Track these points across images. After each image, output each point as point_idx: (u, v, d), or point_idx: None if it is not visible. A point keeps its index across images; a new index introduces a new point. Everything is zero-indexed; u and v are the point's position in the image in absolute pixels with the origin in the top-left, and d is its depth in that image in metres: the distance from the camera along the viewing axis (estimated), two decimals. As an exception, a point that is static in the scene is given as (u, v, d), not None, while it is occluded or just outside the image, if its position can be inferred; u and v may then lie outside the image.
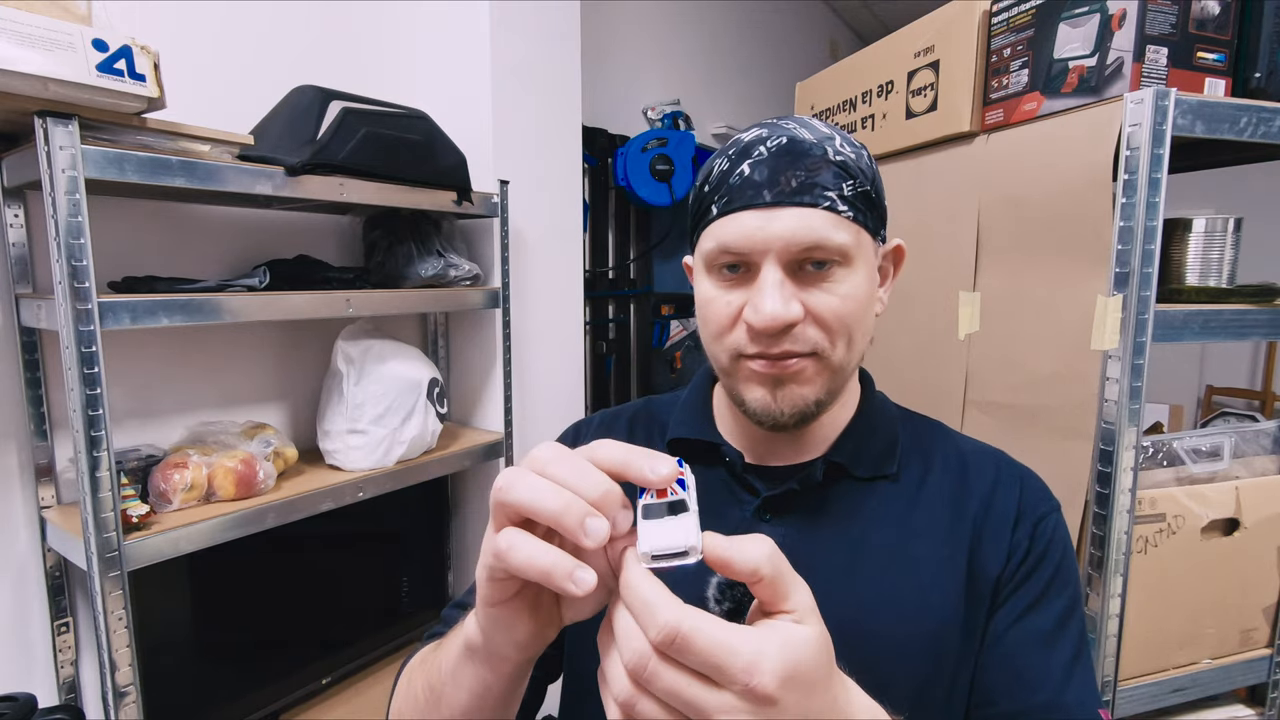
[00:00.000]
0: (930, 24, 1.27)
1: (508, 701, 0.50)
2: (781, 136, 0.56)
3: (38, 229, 1.17)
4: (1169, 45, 0.95)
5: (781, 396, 0.56)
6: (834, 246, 0.53)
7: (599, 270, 2.64)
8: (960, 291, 1.23)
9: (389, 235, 1.55)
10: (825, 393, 0.57)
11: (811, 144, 0.55)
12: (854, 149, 0.57)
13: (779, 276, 0.54)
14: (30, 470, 1.20)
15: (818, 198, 0.54)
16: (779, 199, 0.54)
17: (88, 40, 0.89)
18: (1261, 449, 1.18)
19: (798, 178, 0.54)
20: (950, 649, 0.59)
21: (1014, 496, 0.62)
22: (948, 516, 0.61)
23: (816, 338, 0.55)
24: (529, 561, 0.36)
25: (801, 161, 0.54)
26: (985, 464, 0.65)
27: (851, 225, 0.55)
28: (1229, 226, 1.07)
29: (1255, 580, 1.13)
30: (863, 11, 3.91)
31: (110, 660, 1.01)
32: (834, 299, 0.54)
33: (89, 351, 0.96)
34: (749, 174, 0.55)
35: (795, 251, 0.54)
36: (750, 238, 0.54)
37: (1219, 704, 1.20)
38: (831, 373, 0.57)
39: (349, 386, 1.39)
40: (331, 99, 1.29)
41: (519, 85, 1.73)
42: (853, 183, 0.55)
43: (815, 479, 0.60)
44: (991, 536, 0.61)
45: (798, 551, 0.59)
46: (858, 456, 0.62)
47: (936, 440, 0.67)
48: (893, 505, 0.62)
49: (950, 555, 0.60)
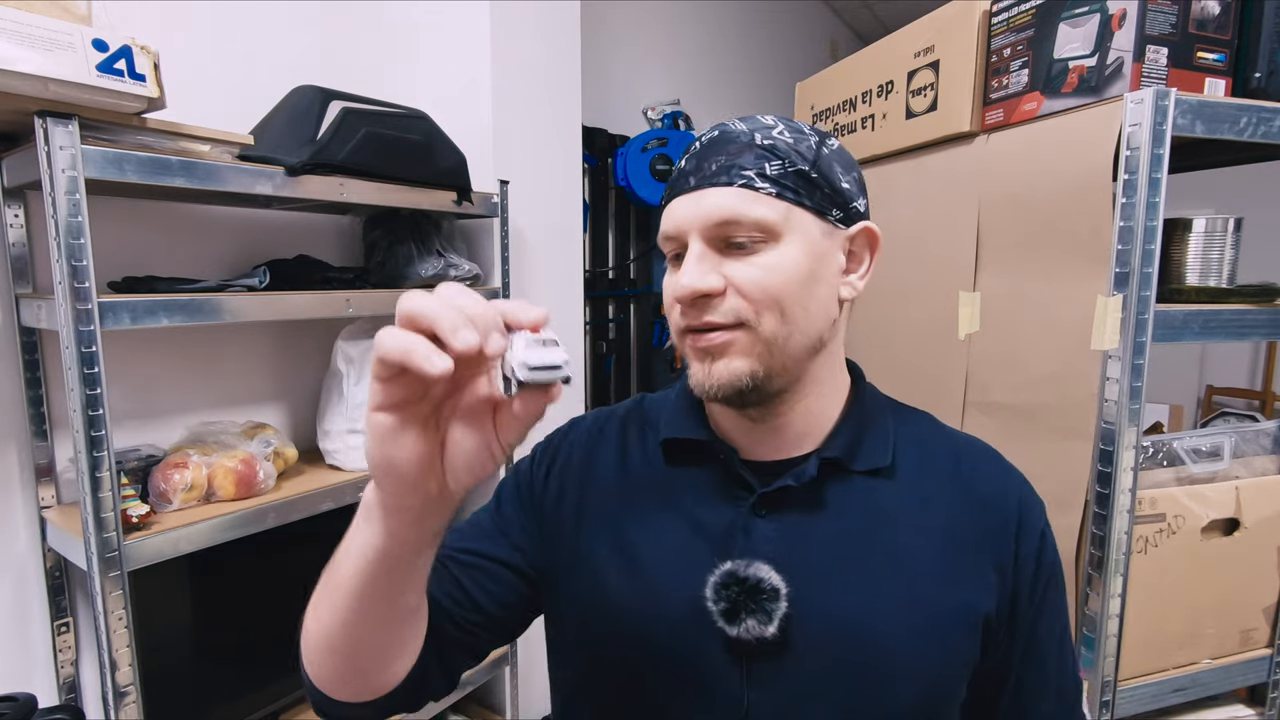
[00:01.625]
0: (930, 24, 1.27)
1: (396, 574, 0.49)
2: (715, 130, 0.61)
3: (38, 229, 1.17)
4: (1169, 45, 0.95)
5: (713, 370, 0.58)
6: (750, 221, 0.56)
7: (599, 270, 2.64)
8: (960, 291, 1.23)
9: (389, 235, 1.55)
10: (764, 368, 0.57)
11: (739, 133, 0.59)
12: (795, 135, 0.59)
13: (699, 250, 0.57)
14: (30, 470, 1.20)
15: (734, 177, 0.56)
16: (700, 183, 0.58)
17: (88, 40, 0.89)
18: (1261, 449, 1.18)
19: (718, 162, 0.57)
20: (956, 645, 0.59)
21: (1014, 503, 0.64)
22: (945, 512, 0.62)
23: (739, 307, 0.56)
24: (395, 344, 0.40)
25: (725, 148, 0.58)
26: (980, 462, 0.66)
27: (775, 201, 0.56)
28: (1229, 226, 1.07)
29: (1255, 580, 1.13)
30: (863, 11, 3.91)
31: (110, 660, 1.01)
32: (754, 269, 0.56)
33: (89, 351, 0.96)
34: (684, 166, 0.60)
35: (712, 227, 0.56)
36: (677, 221, 0.58)
37: (1219, 704, 1.20)
38: (765, 344, 0.57)
39: (349, 386, 1.39)
40: (331, 99, 1.29)
41: (519, 85, 1.73)
42: (780, 163, 0.57)
43: (810, 474, 0.60)
44: (997, 540, 0.62)
45: (795, 548, 0.59)
46: (851, 450, 0.62)
47: (929, 432, 0.68)
48: (889, 500, 0.62)
49: (952, 555, 0.60)
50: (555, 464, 0.70)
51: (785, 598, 0.56)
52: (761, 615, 0.56)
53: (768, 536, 0.60)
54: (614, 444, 0.70)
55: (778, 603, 0.56)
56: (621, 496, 0.66)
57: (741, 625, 0.56)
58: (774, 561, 0.58)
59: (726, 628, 0.57)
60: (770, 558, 0.58)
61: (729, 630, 0.57)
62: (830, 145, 0.61)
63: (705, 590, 0.58)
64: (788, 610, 0.56)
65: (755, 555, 0.58)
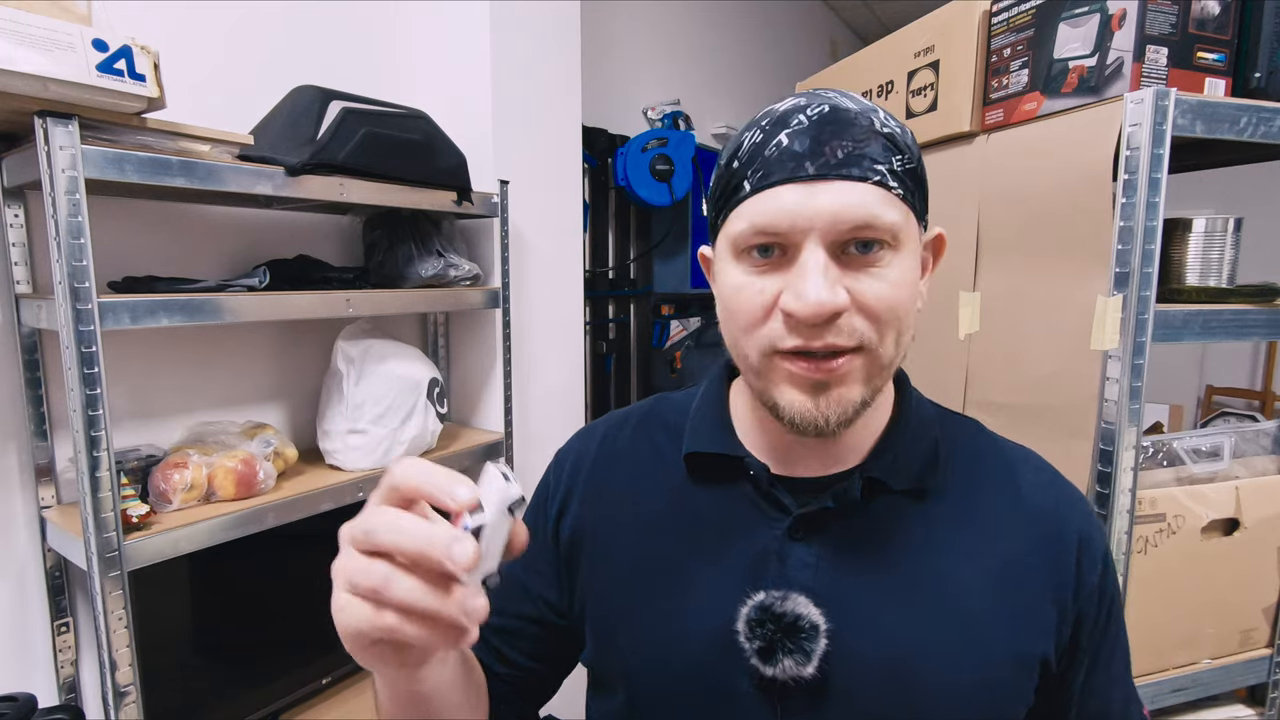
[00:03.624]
0: (930, 24, 1.27)
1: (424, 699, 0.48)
2: (823, 105, 0.50)
3: (38, 229, 1.17)
4: (1169, 45, 0.95)
5: (825, 402, 0.50)
6: (884, 225, 0.47)
7: (599, 270, 2.64)
8: (960, 291, 1.23)
9: (389, 235, 1.55)
10: (871, 393, 0.51)
11: (856, 113, 0.49)
12: (898, 123, 0.52)
13: (823, 259, 0.47)
14: (30, 470, 1.20)
15: (867, 170, 0.47)
16: (823, 171, 0.47)
17: (88, 40, 0.89)
18: (1261, 449, 1.18)
19: (844, 148, 0.47)
20: (1011, 691, 0.53)
21: (1075, 525, 0.57)
22: (1000, 536, 0.55)
23: (864, 329, 0.48)
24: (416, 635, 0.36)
25: (848, 130, 0.48)
26: (1036, 478, 0.59)
27: (901, 205, 0.49)
28: (1229, 226, 1.07)
29: (1255, 580, 1.13)
30: (863, 11, 3.91)
31: (110, 660, 1.01)
32: (884, 285, 0.48)
33: (89, 351, 0.96)
34: (788, 144, 0.49)
35: (843, 230, 0.47)
36: (790, 214, 0.48)
37: (1219, 704, 1.20)
38: (880, 370, 0.51)
39: (349, 386, 1.39)
40: (331, 99, 1.29)
41: (519, 85, 1.73)
42: (902, 158, 0.49)
43: (853, 495, 0.54)
44: (1057, 569, 0.55)
45: (837, 579, 0.53)
46: (897, 468, 0.56)
47: (977, 444, 0.61)
48: (940, 525, 0.55)
49: (1007, 586, 0.54)
50: (571, 497, 0.65)
51: (825, 634, 0.51)
52: (800, 655, 0.50)
53: (805, 563, 0.54)
54: (628, 462, 0.65)
55: (817, 641, 0.51)
56: (643, 530, 0.61)
57: (778, 665, 0.51)
58: (812, 592, 0.52)
59: (761, 667, 0.52)
60: (808, 588, 0.53)
61: (764, 670, 0.52)
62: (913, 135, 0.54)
63: (738, 625, 0.53)
64: (827, 648, 0.51)
65: (790, 585, 0.53)
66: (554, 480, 0.68)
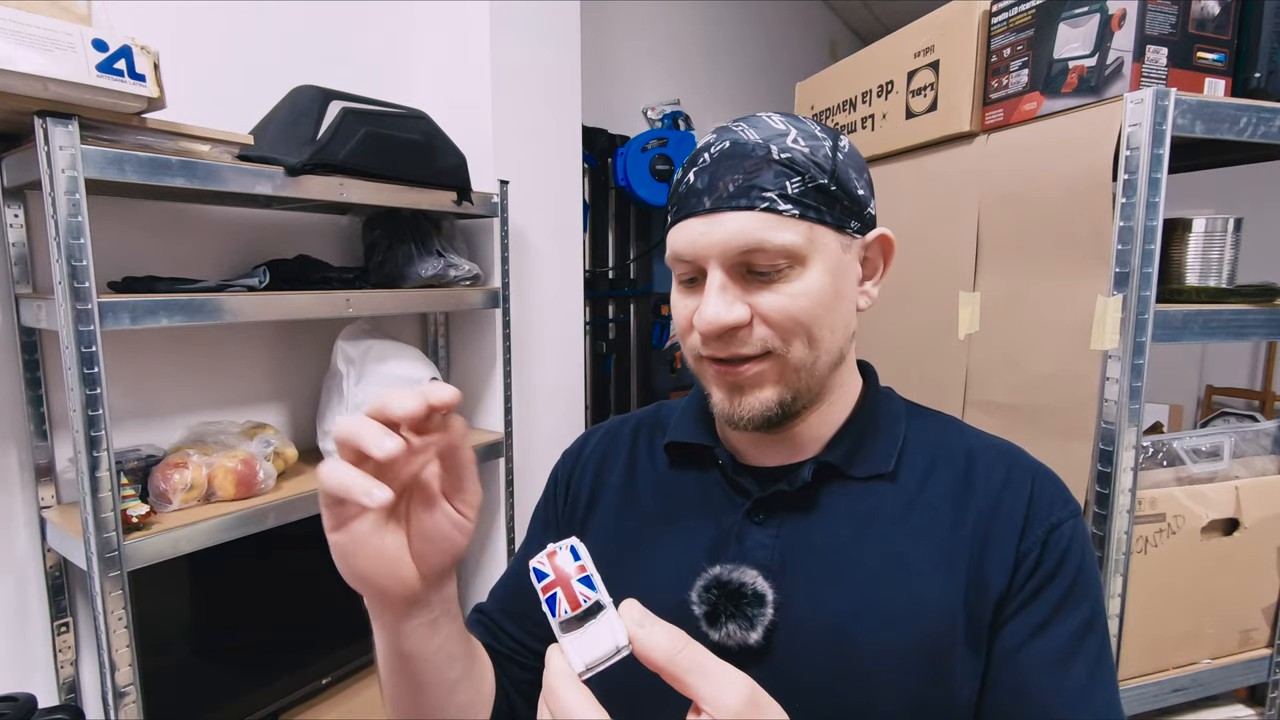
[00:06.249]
0: (930, 24, 1.27)
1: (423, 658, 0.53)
2: (725, 140, 0.56)
3: (38, 229, 1.17)
4: (1169, 45, 0.95)
5: (740, 402, 0.57)
6: (774, 248, 0.53)
7: (599, 270, 2.64)
8: (960, 291, 1.23)
9: (389, 235, 1.55)
10: (791, 393, 0.56)
11: (754, 145, 0.55)
12: (810, 143, 0.56)
13: (720, 280, 0.54)
14: (30, 470, 1.20)
15: (755, 199, 0.53)
16: (717, 204, 0.54)
17: (88, 40, 0.89)
18: (1261, 449, 1.18)
19: (735, 181, 0.54)
20: (949, 663, 0.55)
21: (1023, 499, 0.58)
22: (948, 518, 0.58)
23: (766, 337, 0.55)
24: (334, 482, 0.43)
25: (741, 164, 0.54)
26: (995, 462, 0.61)
27: (798, 223, 0.54)
28: (1229, 226, 1.07)
29: (1255, 580, 1.13)
30: (863, 11, 3.91)
31: (110, 660, 1.01)
32: (781, 298, 0.54)
33: (89, 351, 0.96)
34: (693, 181, 0.56)
35: (734, 255, 0.54)
36: (694, 244, 0.55)
37: (1219, 704, 1.20)
38: (793, 371, 0.56)
39: (349, 386, 1.39)
40: (331, 99, 1.29)
41: (519, 85, 1.73)
42: (799, 179, 0.54)
43: (803, 479, 0.59)
44: (997, 542, 0.57)
45: (788, 555, 0.59)
46: (851, 456, 0.60)
47: (945, 437, 0.64)
48: (889, 506, 0.59)
49: (949, 560, 0.57)
50: (570, 483, 0.72)
51: (772, 604, 0.55)
52: (742, 620, 0.55)
53: (762, 543, 0.59)
54: (624, 454, 0.71)
55: (763, 609, 0.55)
56: (624, 504, 0.67)
57: (723, 629, 0.55)
58: (765, 568, 0.57)
59: (708, 631, 0.55)
60: (761, 564, 0.57)
61: (710, 634, 0.55)
62: (843, 148, 0.58)
63: (691, 593, 0.57)
64: (774, 618, 0.55)
65: (745, 561, 0.57)
66: (561, 470, 0.75)
